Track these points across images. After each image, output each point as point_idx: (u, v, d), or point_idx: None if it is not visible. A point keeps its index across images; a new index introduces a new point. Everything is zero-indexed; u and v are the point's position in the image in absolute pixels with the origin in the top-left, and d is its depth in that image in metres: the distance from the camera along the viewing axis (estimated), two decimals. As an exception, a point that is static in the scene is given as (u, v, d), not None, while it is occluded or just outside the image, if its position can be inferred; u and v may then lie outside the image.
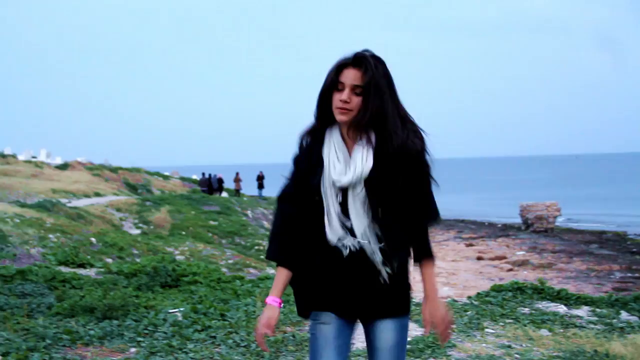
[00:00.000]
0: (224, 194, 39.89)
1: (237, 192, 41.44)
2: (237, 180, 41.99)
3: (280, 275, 2.71)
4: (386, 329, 2.64)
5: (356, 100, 2.57)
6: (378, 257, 2.58)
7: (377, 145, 2.59)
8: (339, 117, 2.60)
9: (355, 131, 2.64)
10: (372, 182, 2.57)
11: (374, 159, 2.58)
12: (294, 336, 5.79)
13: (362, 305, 2.65)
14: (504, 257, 35.36)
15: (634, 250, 38.20)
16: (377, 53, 2.67)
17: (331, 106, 2.63)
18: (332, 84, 2.62)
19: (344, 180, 2.57)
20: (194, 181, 53.61)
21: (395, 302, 2.65)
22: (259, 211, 33.49)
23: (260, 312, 6.42)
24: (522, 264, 33.49)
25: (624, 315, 7.13)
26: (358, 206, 2.58)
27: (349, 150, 2.64)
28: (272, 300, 2.69)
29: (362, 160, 2.58)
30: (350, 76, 2.58)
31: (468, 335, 6.13)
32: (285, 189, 2.76)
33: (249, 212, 32.29)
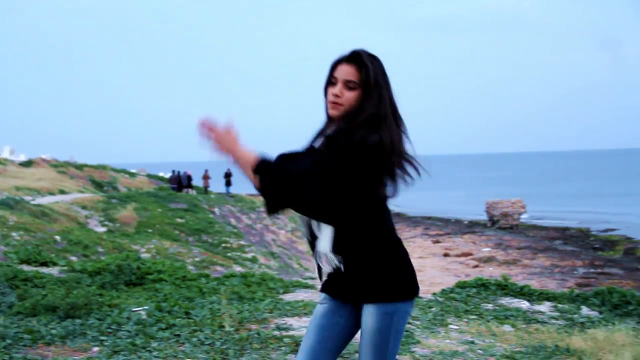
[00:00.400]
0: (192, 192, 39.64)
1: (205, 190, 41.23)
2: (205, 177, 41.78)
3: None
4: (367, 313, 2.60)
5: (348, 95, 2.57)
6: (320, 251, 2.61)
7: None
8: (331, 111, 2.61)
9: None
10: None
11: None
12: (258, 334, 5.77)
13: (340, 289, 2.66)
14: (470, 254, 35.71)
15: (597, 246, 38.83)
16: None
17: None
18: (327, 80, 2.65)
19: None
20: (161, 178, 53.23)
21: (365, 287, 2.59)
22: (227, 209, 33.33)
23: (225, 309, 6.40)
24: (488, 260, 33.85)
25: (584, 310, 7.25)
26: None
27: None
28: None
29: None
30: (344, 71, 2.59)
31: (432, 332, 6.17)
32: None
33: (216, 210, 32.14)
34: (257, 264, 24.40)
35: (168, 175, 51.79)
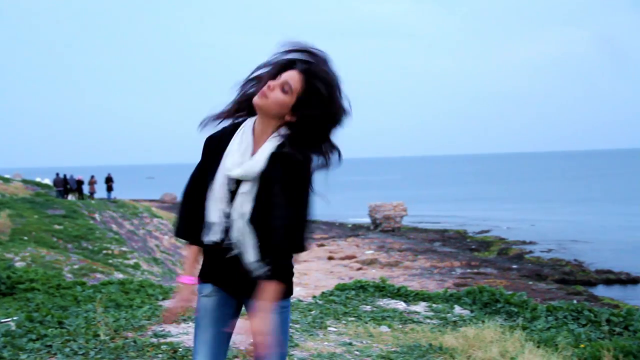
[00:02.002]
0: (73, 197, 38.23)
1: (91, 195, 39.97)
2: (92, 182, 40.55)
3: (190, 253, 2.76)
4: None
5: (278, 96, 2.56)
6: (248, 256, 2.62)
7: (283, 148, 2.60)
8: (256, 98, 2.59)
9: (269, 127, 2.64)
10: (266, 182, 2.58)
11: (276, 160, 2.58)
12: (135, 342, 5.65)
13: (236, 284, 2.70)
14: (354, 257, 36.35)
15: (473, 247, 40.49)
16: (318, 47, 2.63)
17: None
18: (272, 69, 2.62)
19: (234, 172, 2.59)
20: (39, 184, 51.02)
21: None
22: (108, 214, 32.39)
23: (101, 317, 6.23)
24: (371, 262, 34.57)
25: (457, 309, 7.53)
26: (242, 201, 2.60)
27: (255, 144, 2.64)
28: (187, 279, 2.74)
29: (261, 157, 2.58)
30: (292, 77, 2.57)
31: (311, 335, 6.24)
32: (194, 170, 2.78)
33: (96, 216, 31.17)
34: (140, 271, 23.85)
35: (45, 180, 49.76)
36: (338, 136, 2.69)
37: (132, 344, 5.62)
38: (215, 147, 2.70)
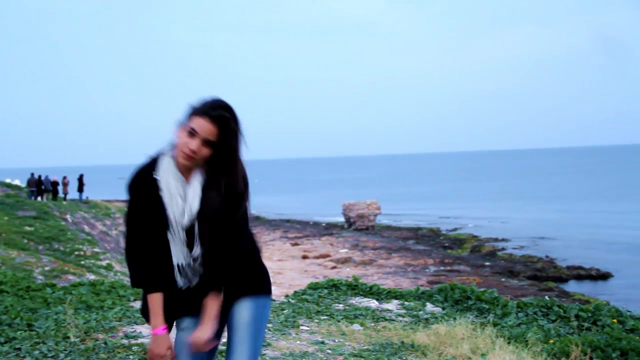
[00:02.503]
0: (44, 199, 37.76)
1: (64, 197, 39.55)
2: (64, 183, 40.10)
3: (156, 301, 2.78)
4: (243, 307, 2.82)
5: (204, 152, 2.68)
6: (213, 282, 2.77)
7: (211, 181, 2.75)
8: (182, 160, 2.70)
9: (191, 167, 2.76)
10: (206, 218, 2.74)
11: (210, 195, 2.73)
12: (105, 343, 5.61)
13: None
14: (328, 255, 36.39)
15: (446, 244, 40.75)
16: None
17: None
18: (184, 126, 2.71)
19: (185, 221, 2.73)
20: (9, 185, 50.41)
21: (244, 282, 2.84)
22: (79, 215, 32.10)
23: (71, 319, 6.17)
24: (345, 261, 34.62)
25: (429, 307, 7.57)
26: (200, 240, 2.77)
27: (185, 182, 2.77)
28: (161, 330, 2.78)
29: (195, 199, 2.73)
30: (205, 129, 2.66)
31: (283, 334, 6.23)
32: (130, 217, 2.81)
33: (68, 217, 30.87)
34: (113, 272, 23.66)
35: (16, 182, 49.21)
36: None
37: (102, 346, 5.58)
38: (145, 191, 2.77)
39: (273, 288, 3.10)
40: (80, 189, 39.55)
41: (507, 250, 38.25)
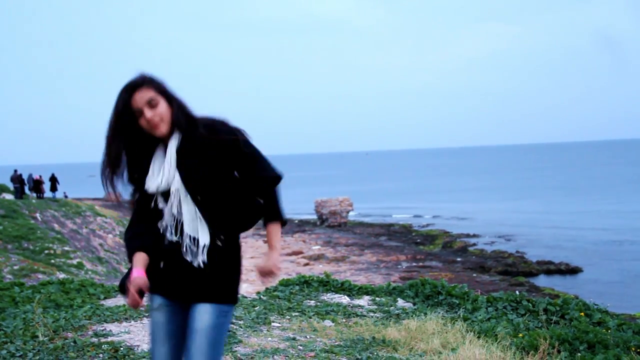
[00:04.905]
0: (10, 196, 37.22)
1: (41, 196, 39.02)
2: (39, 182, 39.57)
3: (138, 257, 2.79)
4: (203, 311, 2.76)
5: (159, 111, 2.71)
6: (188, 252, 2.77)
7: (185, 141, 2.76)
8: (158, 132, 2.73)
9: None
10: (190, 178, 2.74)
11: (186, 154, 2.74)
12: (75, 342, 5.55)
13: (184, 289, 2.79)
14: (301, 252, 36.43)
15: (418, 241, 40.97)
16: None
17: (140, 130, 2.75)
18: (127, 116, 2.71)
19: (151, 187, 2.75)
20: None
21: (215, 288, 2.79)
22: (50, 213, 31.71)
23: (39, 318, 6.11)
24: (318, 258, 34.67)
25: (400, 302, 7.62)
26: (180, 204, 2.76)
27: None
28: (138, 272, 2.75)
29: (168, 164, 2.74)
30: (141, 97, 2.70)
31: (255, 330, 6.22)
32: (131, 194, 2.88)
33: (37, 215, 30.50)
34: (84, 270, 23.48)
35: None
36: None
37: (72, 344, 5.52)
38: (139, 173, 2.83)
39: (245, 285, 3.09)
40: (54, 188, 39.07)
41: (478, 245, 38.58)
